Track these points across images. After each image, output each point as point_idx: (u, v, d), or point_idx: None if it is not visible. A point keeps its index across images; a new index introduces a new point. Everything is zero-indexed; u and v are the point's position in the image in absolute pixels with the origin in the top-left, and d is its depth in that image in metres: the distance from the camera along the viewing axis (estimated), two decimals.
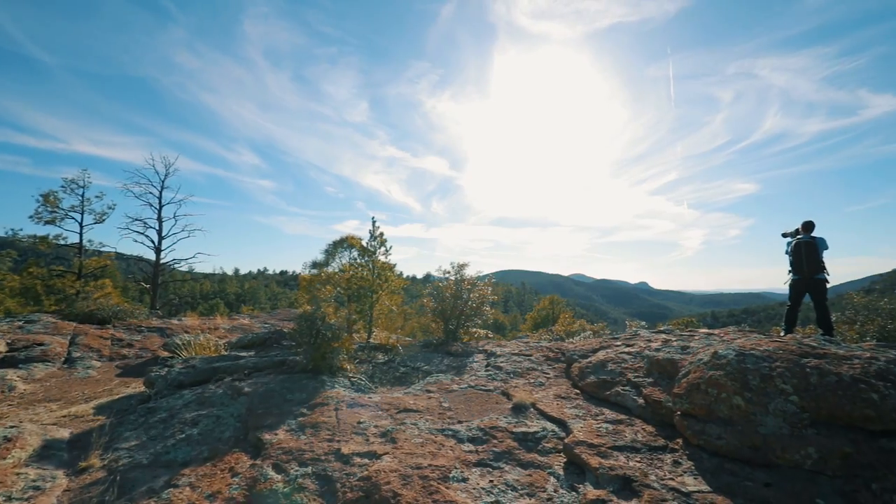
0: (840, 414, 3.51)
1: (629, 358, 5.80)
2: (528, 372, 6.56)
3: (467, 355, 7.89)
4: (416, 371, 6.87)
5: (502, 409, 5.11)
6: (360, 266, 8.64)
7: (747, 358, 4.09)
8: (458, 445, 4.17)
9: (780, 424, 3.57)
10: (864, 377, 3.68)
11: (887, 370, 3.89)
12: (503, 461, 3.95)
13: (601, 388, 5.32)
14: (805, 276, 7.71)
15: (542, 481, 3.65)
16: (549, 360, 7.14)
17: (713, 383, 3.98)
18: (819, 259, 7.69)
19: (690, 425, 3.91)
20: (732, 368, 4.02)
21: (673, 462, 3.69)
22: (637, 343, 6.40)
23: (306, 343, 6.44)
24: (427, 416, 4.85)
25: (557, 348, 7.59)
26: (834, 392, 3.60)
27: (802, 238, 7.85)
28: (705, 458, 3.67)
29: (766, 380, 3.84)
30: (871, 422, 3.43)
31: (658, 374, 5.11)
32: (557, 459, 4.00)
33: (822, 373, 3.77)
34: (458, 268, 9.91)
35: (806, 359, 4.06)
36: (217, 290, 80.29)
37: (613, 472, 3.53)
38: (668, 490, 3.26)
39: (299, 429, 4.48)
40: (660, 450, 3.94)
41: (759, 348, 4.34)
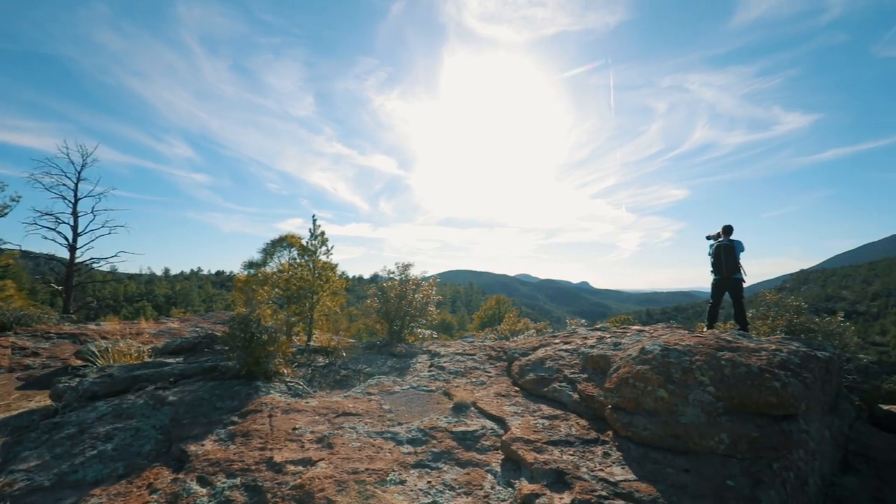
0: (749, 402, 3.83)
1: (566, 355, 6.01)
2: (470, 371, 6.62)
3: (411, 356, 7.84)
4: (357, 373, 6.73)
5: (443, 409, 5.12)
6: (300, 266, 8.33)
7: (671, 353, 4.37)
8: (396, 448, 4.11)
9: (698, 414, 3.84)
10: (769, 367, 4.05)
11: (788, 360, 4.30)
12: (442, 461, 3.94)
13: (539, 385, 5.47)
14: (724, 275, 8.37)
15: (479, 479, 3.68)
16: (492, 359, 7.26)
17: (640, 377, 4.21)
18: (736, 260, 8.37)
19: (620, 418, 4.11)
20: (658, 363, 4.27)
21: (603, 454, 3.86)
22: (574, 340, 6.66)
23: (239, 347, 6.10)
24: (366, 420, 4.75)
25: (500, 347, 7.73)
26: (744, 382, 3.92)
27: (722, 241, 8.51)
28: (632, 448, 3.87)
29: (687, 372, 4.12)
30: (774, 408, 3.78)
31: (592, 369, 5.34)
32: (495, 457, 4.06)
33: (735, 364, 4.10)
34: (403, 268, 9.83)
35: (721, 352, 4.40)
36: (144, 292, 74.59)
37: (548, 466, 3.63)
38: (598, 481, 3.40)
39: (229, 438, 4.23)
40: (592, 442, 4.10)
41: (681, 343, 4.65)
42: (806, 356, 4.60)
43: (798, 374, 4.06)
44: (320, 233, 8.45)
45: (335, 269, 8.67)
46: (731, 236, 8.58)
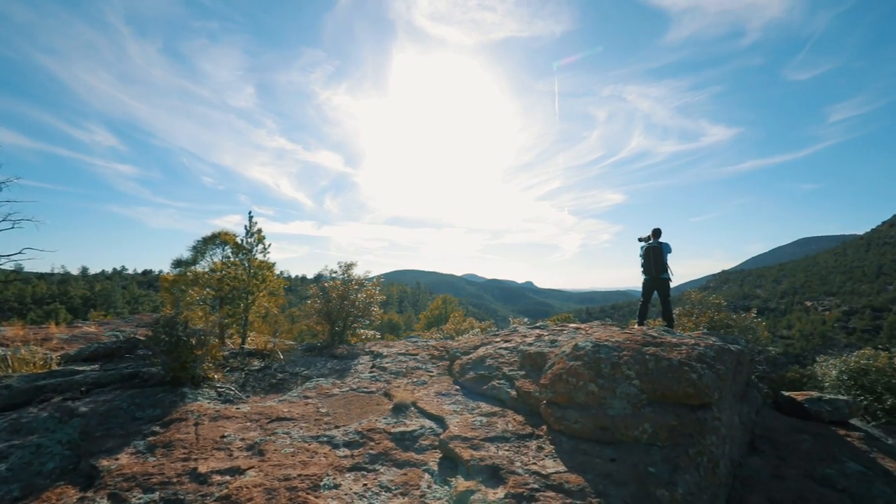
0: (669, 393, 4.10)
1: (506, 353, 6.14)
2: (412, 371, 6.60)
3: (353, 357, 7.69)
4: (294, 377, 6.49)
5: (383, 410, 5.06)
6: (234, 265, 7.90)
7: (601, 349, 4.59)
8: (332, 451, 4.01)
9: (624, 406, 4.06)
10: (687, 361, 4.36)
11: (705, 354, 4.65)
12: (379, 463, 3.89)
13: (479, 383, 5.55)
14: (652, 275, 8.90)
15: (416, 479, 3.67)
16: (434, 359, 7.27)
17: (573, 373, 4.39)
18: (664, 261, 8.93)
19: (553, 412, 4.26)
20: (589, 359, 4.47)
21: (537, 448, 3.98)
22: (514, 339, 6.82)
23: (164, 351, 5.69)
24: (302, 424, 4.59)
25: (442, 347, 7.76)
26: (666, 375, 4.20)
27: (651, 243, 9.05)
28: (564, 441, 4.02)
29: (616, 367, 4.34)
30: (691, 398, 4.07)
31: (530, 367, 5.49)
32: (433, 456, 4.06)
33: (658, 359, 4.37)
34: (346, 268, 9.63)
35: (647, 347, 4.68)
36: (57, 293, 67.76)
37: (483, 462, 3.69)
38: (531, 474, 3.50)
39: (148, 450, 3.93)
40: (527, 437, 4.22)
41: (611, 340, 4.89)
42: (720, 349, 5.00)
43: (713, 366, 4.41)
44: (257, 230, 8.07)
45: (273, 269, 8.32)
46: (660, 239, 9.14)
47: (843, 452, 5.18)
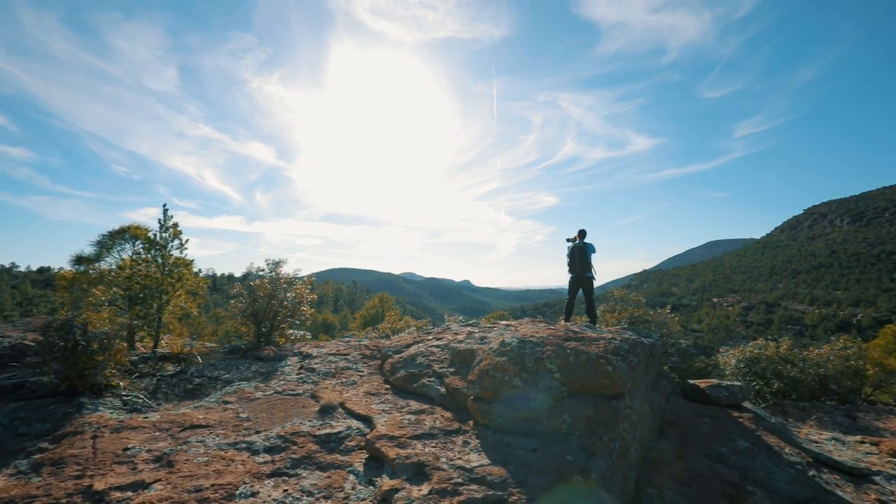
0: (587, 385, 4.34)
1: (437, 351, 6.19)
2: (341, 372, 6.45)
3: (280, 359, 7.36)
4: (214, 381, 6.10)
5: (309, 412, 4.89)
6: (146, 262, 7.26)
7: (526, 345, 4.76)
8: (251, 458, 3.81)
9: (546, 398, 4.24)
10: (604, 354, 4.64)
11: (620, 347, 4.98)
12: (301, 467, 3.76)
13: (409, 382, 5.54)
14: (577, 274, 9.39)
15: (340, 481, 3.59)
16: (366, 359, 7.16)
17: (499, 368, 4.51)
18: (588, 261, 9.44)
19: (480, 407, 4.35)
20: (514, 354, 4.62)
21: (463, 443, 4.05)
22: (446, 336, 6.89)
23: (58, 358, 5.10)
24: (219, 431, 4.32)
25: (374, 346, 7.67)
26: (584, 368, 4.44)
27: (577, 243, 9.54)
28: (490, 434, 4.12)
29: (539, 362, 4.52)
30: (606, 388, 4.34)
31: (460, 363, 5.57)
32: (359, 457, 4.00)
33: (578, 353, 4.61)
34: (274, 265, 9.21)
35: (568, 342, 4.91)
36: None
37: (409, 460, 3.68)
38: (456, 469, 3.55)
39: (33, 469, 3.50)
40: (454, 433, 4.27)
41: (536, 335, 5.09)
42: (634, 343, 5.38)
43: (626, 358, 4.73)
44: (172, 224, 7.46)
45: (191, 266, 7.74)
46: (585, 239, 9.66)
47: (735, 432, 5.79)
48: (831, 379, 12.82)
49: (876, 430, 9.28)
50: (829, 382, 12.67)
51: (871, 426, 9.61)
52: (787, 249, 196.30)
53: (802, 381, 12.48)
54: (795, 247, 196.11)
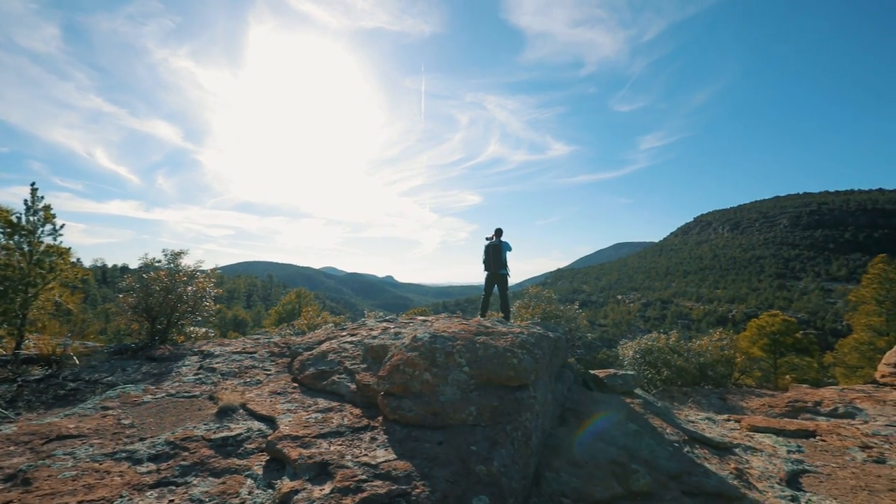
0: (494, 377, 4.50)
1: (350, 347, 6.06)
2: (246, 371, 6.07)
3: (176, 359, 6.75)
4: (93, 385, 5.43)
5: (205, 415, 4.54)
6: (8, 249, 6.24)
7: (438, 339, 4.82)
8: (132, 469, 3.45)
9: (455, 392, 4.33)
10: (511, 348, 4.84)
11: (526, 341, 5.22)
12: (192, 474, 3.48)
13: (319, 379, 5.36)
14: (492, 271, 9.69)
15: (236, 486, 3.37)
16: (275, 356, 6.81)
17: (410, 363, 4.52)
18: (502, 258, 9.77)
19: (389, 403, 4.33)
20: (425, 349, 4.65)
21: (370, 439, 4.00)
22: (361, 332, 6.76)
23: None
24: (94, 440, 3.86)
25: (284, 343, 7.32)
26: (492, 361, 4.59)
27: (492, 241, 9.84)
28: (398, 430, 4.11)
29: (449, 356, 4.60)
30: (511, 380, 4.53)
31: (372, 359, 5.50)
32: (259, 459, 3.79)
33: (486, 347, 4.76)
34: (173, 256, 8.42)
35: (479, 336, 5.06)
36: None
37: (312, 459, 3.56)
38: (361, 466, 3.50)
39: None
40: (362, 430, 4.21)
41: (448, 330, 5.17)
42: (540, 337, 5.68)
43: (531, 351, 4.98)
44: (43, 206, 6.48)
45: (68, 255, 6.80)
46: (501, 238, 10.00)
47: (626, 416, 6.35)
48: (709, 366, 14.56)
49: (740, 409, 10.70)
50: (707, 369, 14.39)
51: (737, 406, 11.06)
52: (679, 252, 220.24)
53: (686, 369, 14.03)
54: (686, 250, 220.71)
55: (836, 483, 5.99)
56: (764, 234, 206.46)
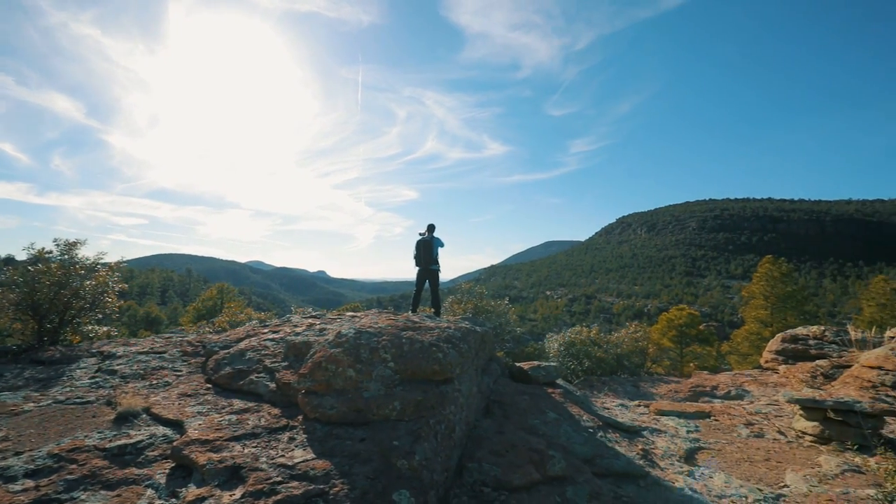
0: (419, 371, 4.51)
1: (271, 344, 5.78)
2: (154, 372, 5.58)
3: (70, 361, 6.05)
4: None
5: (100, 422, 4.11)
6: None
7: (363, 335, 4.73)
8: (2, 487, 3.03)
9: (378, 387, 4.28)
10: (437, 342, 4.87)
11: (453, 335, 5.29)
12: (81, 488, 3.13)
13: (235, 379, 5.07)
14: (423, 266, 9.71)
15: (134, 498, 3.09)
16: (187, 356, 6.33)
17: (333, 360, 4.40)
18: (433, 254, 9.81)
19: (310, 401, 4.18)
20: (350, 345, 4.55)
21: (289, 439, 3.84)
22: (284, 329, 6.48)
23: None
24: None
25: (199, 341, 6.83)
26: (417, 355, 4.60)
27: (424, 237, 9.85)
28: (318, 428, 3.99)
29: (374, 351, 4.54)
30: (436, 374, 4.56)
31: (294, 357, 5.29)
32: (163, 467, 3.50)
33: (412, 341, 4.76)
34: (67, 247, 7.53)
35: (405, 332, 5.04)
36: None
37: (223, 464, 3.35)
38: (276, 467, 3.35)
39: None
40: (280, 430, 4.03)
41: (375, 326, 5.10)
42: (466, 331, 5.78)
43: (457, 345, 5.05)
44: None
45: None
46: (434, 234, 10.04)
47: (547, 406, 6.67)
48: (625, 357, 15.68)
49: (651, 396, 11.63)
50: (623, 360, 15.49)
51: (648, 392, 12.01)
52: (603, 251, 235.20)
53: (605, 360, 14.99)
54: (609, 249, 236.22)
55: (725, 457, 6.71)
56: (675, 236, 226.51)
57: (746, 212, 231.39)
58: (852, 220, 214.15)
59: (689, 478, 5.74)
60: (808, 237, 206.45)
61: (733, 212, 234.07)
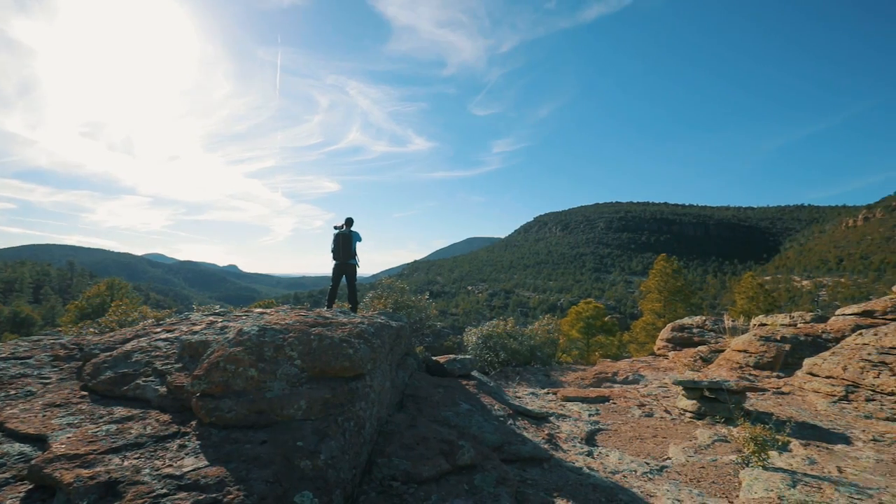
0: (328, 369, 4.36)
1: (164, 345, 5.26)
2: (13, 381, 4.81)
3: None
4: None
5: None
6: None
7: (267, 332, 4.47)
8: None
9: (283, 386, 4.07)
10: (348, 338, 4.75)
11: (366, 330, 5.19)
12: None
13: (118, 384, 4.53)
14: (341, 260, 9.46)
15: None
16: (59, 361, 5.55)
17: (232, 359, 4.10)
18: (352, 248, 9.60)
19: (205, 404, 3.87)
20: (252, 343, 4.28)
21: (179, 447, 3.52)
22: (180, 328, 5.93)
23: None
24: None
25: (75, 344, 6.02)
26: (326, 352, 4.44)
27: (342, 231, 9.60)
28: (214, 433, 3.70)
29: (279, 349, 4.31)
30: (347, 370, 4.44)
31: (190, 358, 4.86)
32: (17, 490, 3.03)
33: (322, 338, 4.59)
34: None
35: (315, 328, 4.85)
36: None
37: (96, 480, 2.98)
38: (161, 479, 3.05)
39: None
40: (169, 438, 3.68)
41: (282, 322, 4.85)
42: (380, 326, 5.71)
43: (369, 341, 4.96)
44: None
45: None
46: (352, 228, 9.81)
47: (461, 397, 6.82)
48: (538, 348, 16.53)
49: (560, 383, 12.37)
50: (536, 350, 16.33)
51: (558, 381, 12.77)
52: (521, 248, 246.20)
53: (519, 351, 15.69)
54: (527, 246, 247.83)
55: (620, 436, 7.35)
56: (586, 235, 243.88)
57: (646, 214, 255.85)
58: (730, 224, 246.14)
59: (588, 457, 6.20)
60: (695, 238, 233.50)
61: (635, 214, 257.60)
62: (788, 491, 4.80)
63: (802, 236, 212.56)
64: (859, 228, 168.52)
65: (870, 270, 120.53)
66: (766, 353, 11.63)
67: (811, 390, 9.44)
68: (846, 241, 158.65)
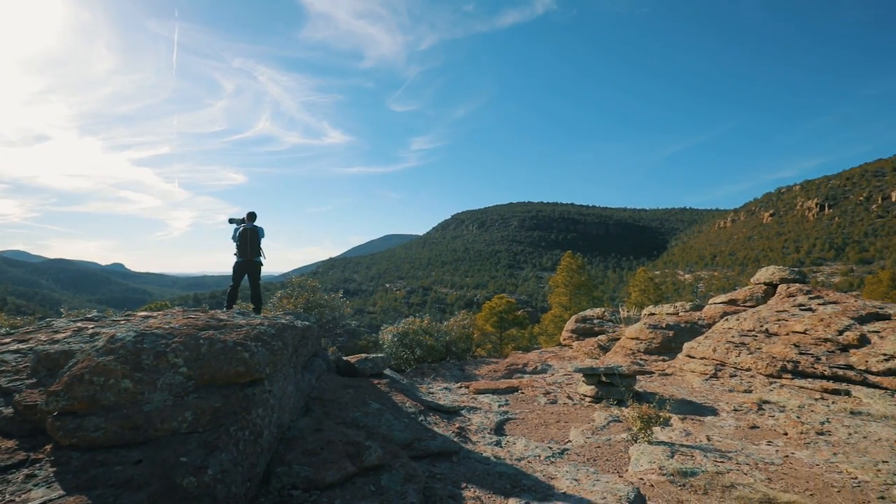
0: (219, 375, 4.00)
1: (14, 358, 4.47)
2: None
3: None
4: None
5: None
6: None
7: (146, 338, 3.99)
8: None
9: (165, 398, 3.66)
10: (244, 340, 4.40)
11: (265, 332, 4.85)
12: None
13: None
14: (247, 258, 8.80)
15: None
16: None
17: (101, 370, 3.59)
18: (258, 245, 8.97)
19: (65, 424, 3.34)
20: (126, 351, 3.79)
21: (26, 477, 3.00)
22: (38, 337, 5.09)
23: None
24: None
25: None
26: (218, 357, 4.07)
27: (247, 226, 8.91)
28: (76, 457, 3.21)
29: (160, 357, 3.87)
30: (242, 376, 4.11)
31: (47, 371, 4.18)
32: None
33: (213, 342, 4.20)
34: None
35: (206, 331, 4.42)
36: None
37: None
38: None
39: None
40: (15, 468, 3.12)
41: (166, 326, 4.36)
42: (283, 327, 5.37)
43: (269, 343, 4.64)
44: None
45: None
46: (255, 222, 9.15)
47: (371, 397, 6.68)
48: (453, 343, 16.82)
49: (474, 377, 12.65)
50: (452, 346, 16.60)
51: (472, 374, 13.05)
52: (439, 245, 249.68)
53: (435, 347, 15.83)
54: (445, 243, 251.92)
55: (527, 424, 7.71)
56: (501, 233, 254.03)
57: (555, 214, 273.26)
58: (627, 224, 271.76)
59: (496, 447, 6.40)
60: (598, 237, 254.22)
61: (546, 213, 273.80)
62: (668, 461, 5.38)
63: (685, 235, 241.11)
64: (728, 229, 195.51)
65: (735, 265, 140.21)
66: (654, 340, 12.97)
67: (689, 371, 10.70)
68: (718, 240, 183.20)
